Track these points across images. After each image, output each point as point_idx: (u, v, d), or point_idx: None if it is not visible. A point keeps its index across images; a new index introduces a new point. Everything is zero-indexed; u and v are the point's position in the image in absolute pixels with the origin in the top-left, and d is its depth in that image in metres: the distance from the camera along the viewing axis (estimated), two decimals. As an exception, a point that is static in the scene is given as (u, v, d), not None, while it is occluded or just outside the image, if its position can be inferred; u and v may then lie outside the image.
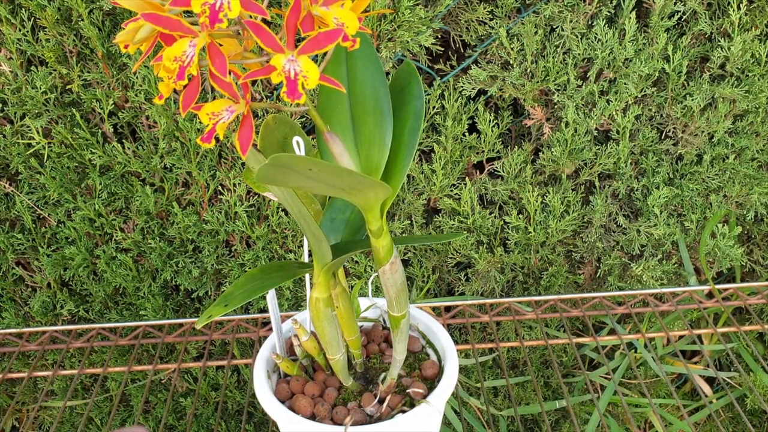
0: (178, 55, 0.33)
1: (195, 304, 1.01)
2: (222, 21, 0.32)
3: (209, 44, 0.34)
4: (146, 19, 0.33)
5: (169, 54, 0.33)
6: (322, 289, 0.50)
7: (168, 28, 0.33)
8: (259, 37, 0.34)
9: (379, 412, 0.54)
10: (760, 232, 1.06)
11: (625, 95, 0.90)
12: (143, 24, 0.34)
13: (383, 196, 0.42)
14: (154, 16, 0.33)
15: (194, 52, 0.33)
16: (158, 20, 0.33)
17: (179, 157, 0.89)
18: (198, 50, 0.33)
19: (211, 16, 0.31)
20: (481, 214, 0.96)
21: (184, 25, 0.33)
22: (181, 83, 0.34)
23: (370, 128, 0.45)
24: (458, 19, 0.90)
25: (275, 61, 0.34)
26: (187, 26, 0.33)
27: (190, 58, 0.33)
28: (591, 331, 0.86)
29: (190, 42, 0.33)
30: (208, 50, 0.34)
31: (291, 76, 0.34)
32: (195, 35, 0.34)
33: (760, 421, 1.13)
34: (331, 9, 0.35)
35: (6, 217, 0.94)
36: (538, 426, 1.14)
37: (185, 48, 0.33)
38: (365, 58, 0.46)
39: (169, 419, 1.07)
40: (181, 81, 0.34)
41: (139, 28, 0.34)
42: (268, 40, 0.34)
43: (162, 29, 0.33)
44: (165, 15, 0.33)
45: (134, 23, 0.34)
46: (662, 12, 0.87)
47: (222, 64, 0.34)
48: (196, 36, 0.34)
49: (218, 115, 0.36)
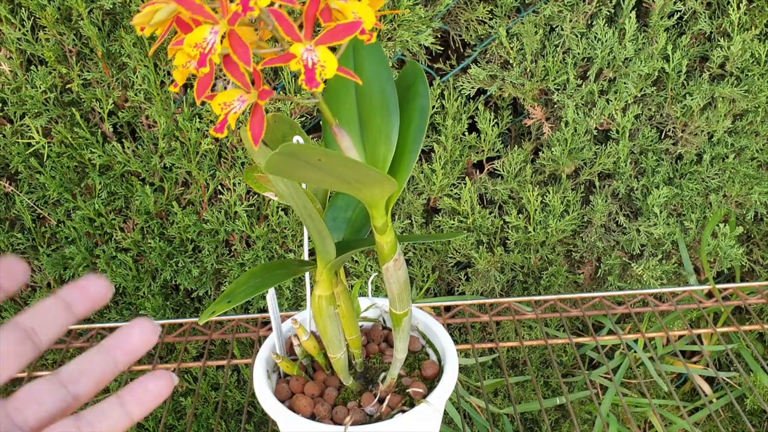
0: (199, 41, 0.34)
1: (195, 303, 1.01)
2: (254, 9, 0.32)
3: (230, 32, 0.34)
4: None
5: (190, 40, 0.33)
6: (325, 286, 0.50)
7: (190, 10, 0.33)
8: (281, 26, 0.34)
9: (379, 411, 0.54)
10: (760, 231, 1.06)
11: (625, 95, 0.90)
12: (160, 7, 0.34)
13: (389, 191, 0.42)
14: None
15: (216, 39, 0.33)
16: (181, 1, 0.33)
17: (179, 157, 0.89)
18: (220, 37, 0.34)
19: (243, 3, 0.32)
20: (481, 214, 0.96)
21: (207, 10, 0.33)
22: (204, 70, 0.34)
23: (377, 124, 0.45)
24: (458, 19, 0.90)
25: (294, 49, 0.34)
26: (209, 12, 0.33)
27: (212, 45, 0.33)
28: (591, 330, 0.86)
29: (211, 29, 0.34)
30: (228, 38, 0.34)
31: (309, 65, 0.34)
32: (216, 22, 0.34)
33: (760, 421, 1.13)
34: (350, 3, 0.35)
35: (6, 216, 0.94)
36: (538, 426, 1.14)
37: (206, 34, 0.34)
38: (372, 54, 0.46)
39: (169, 419, 1.07)
40: (203, 68, 0.34)
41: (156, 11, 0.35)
42: (289, 29, 0.34)
43: (183, 11, 0.33)
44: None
45: (151, 6, 0.35)
46: (662, 11, 0.88)
47: (245, 53, 0.34)
48: (217, 23, 0.34)
49: (230, 105, 0.36)
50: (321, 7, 0.35)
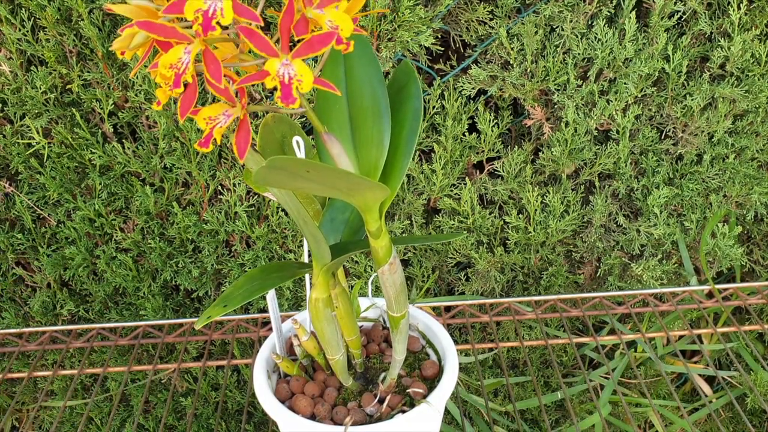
0: (174, 62, 0.33)
1: (195, 304, 1.01)
2: (215, 28, 0.31)
3: (204, 50, 0.33)
4: (141, 27, 0.33)
5: (164, 61, 0.33)
6: (321, 289, 0.50)
7: (162, 35, 0.33)
8: (252, 43, 0.33)
9: (379, 412, 0.54)
10: (760, 232, 1.06)
11: (625, 95, 0.90)
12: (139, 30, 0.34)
13: (381, 197, 0.42)
14: (148, 23, 0.33)
15: (189, 59, 0.33)
16: (152, 28, 0.33)
17: (179, 157, 0.89)
18: (193, 57, 0.33)
19: (204, 24, 0.31)
20: (481, 214, 0.96)
21: (179, 31, 0.33)
22: (177, 91, 0.33)
23: (368, 128, 0.44)
24: (458, 19, 0.90)
25: (269, 66, 0.34)
26: (182, 32, 0.33)
27: (186, 65, 0.33)
28: (591, 330, 0.86)
29: (185, 48, 0.33)
30: (203, 56, 0.34)
31: (285, 81, 0.34)
32: (190, 41, 0.33)
33: (760, 421, 1.13)
34: (325, 12, 0.35)
35: (6, 217, 0.94)
36: (538, 426, 1.14)
37: (180, 55, 0.33)
38: (363, 58, 0.45)
39: (169, 419, 1.07)
40: (177, 89, 0.33)
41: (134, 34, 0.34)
42: (262, 44, 0.33)
43: (156, 36, 0.33)
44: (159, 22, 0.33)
45: (130, 29, 0.34)
46: (662, 12, 0.87)
47: (216, 71, 0.33)
48: (191, 42, 0.33)
49: (215, 119, 0.36)
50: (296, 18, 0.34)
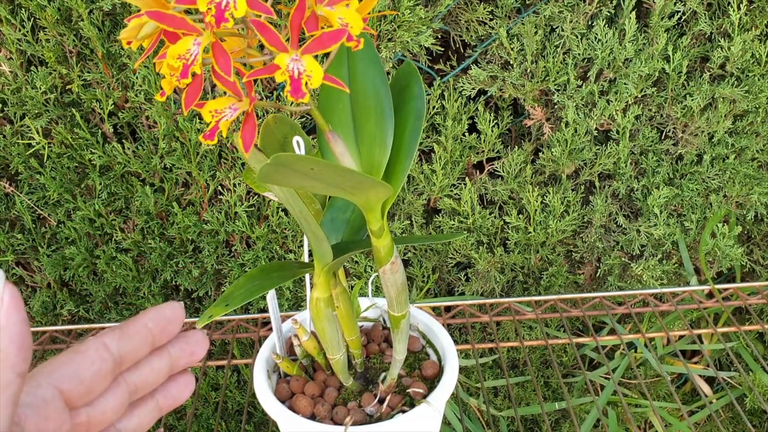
0: (182, 53, 0.33)
1: (195, 304, 1.01)
2: (228, 20, 0.31)
3: (213, 43, 0.33)
4: (150, 17, 0.33)
5: (173, 52, 0.33)
6: (322, 288, 0.50)
7: (172, 25, 0.33)
8: (264, 36, 0.33)
9: (379, 412, 0.54)
10: (760, 232, 1.06)
11: (625, 95, 0.90)
12: (147, 21, 0.34)
13: (384, 196, 0.42)
14: (158, 13, 0.33)
15: (198, 51, 0.33)
16: (163, 18, 0.33)
17: (179, 158, 0.89)
18: (202, 48, 0.33)
19: (217, 15, 0.31)
20: (481, 214, 0.96)
21: (189, 23, 0.33)
22: (185, 81, 0.33)
23: (372, 128, 0.44)
24: (458, 19, 0.90)
25: (279, 60, 0.34)
26: (192, 24, 0.33)
27: (194, 57, 0.33)
28: (591, 331, 0.86)
29: (194, 40, 0.33)
30: (212, 49, 0.34)
31: (295, 75, 0.34)
32: (199, 33, 0.33)
33: (760, 421, 1.13)
34: (336, 9, 0.35)
35: (6, 217, 0.94)
36: (538, 426, 1.14)
37: (189, 46, 0.33)
38: (366, 58, 0.45)
39: (169, 419, 1.07)
40: (184, 79, 0.33)
41: (142, 25, 0.34)
42: (273, 39, 0.33)
43: (166, 27, 0.33)
44: (169, 13, 0.33)
45: (137, 20, 0.34)
46: (662, 12, 0.88)
47: (226, 64, 0.33)
48: (200, 34, 0.33)
49: (221, 112, 0.36)
50: (307, 15, 0.34)
